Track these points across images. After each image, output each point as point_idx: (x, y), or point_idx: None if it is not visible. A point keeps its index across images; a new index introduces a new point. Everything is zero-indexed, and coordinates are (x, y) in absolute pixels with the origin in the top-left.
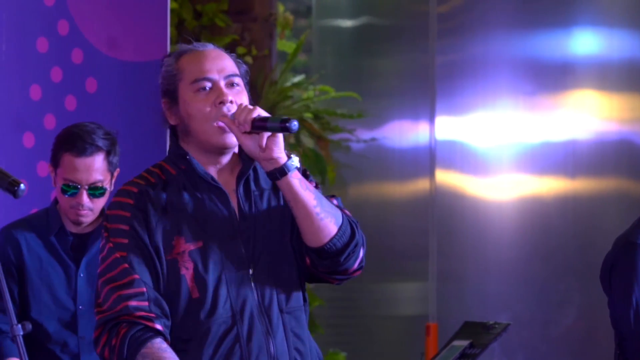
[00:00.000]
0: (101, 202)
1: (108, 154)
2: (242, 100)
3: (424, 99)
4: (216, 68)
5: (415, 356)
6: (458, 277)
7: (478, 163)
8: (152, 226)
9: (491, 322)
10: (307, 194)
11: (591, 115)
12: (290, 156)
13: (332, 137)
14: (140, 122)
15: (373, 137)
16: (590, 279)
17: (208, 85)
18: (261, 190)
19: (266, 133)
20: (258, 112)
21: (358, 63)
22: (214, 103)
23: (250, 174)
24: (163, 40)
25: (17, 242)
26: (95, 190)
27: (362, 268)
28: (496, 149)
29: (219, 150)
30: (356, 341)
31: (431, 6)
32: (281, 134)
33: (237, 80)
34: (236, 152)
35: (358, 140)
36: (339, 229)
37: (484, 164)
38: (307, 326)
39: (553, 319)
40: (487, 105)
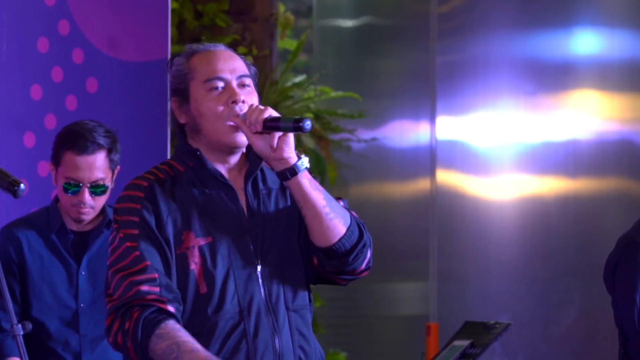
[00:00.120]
0: (102, 200)
1: (109, 152)
2: (253, 100)
3: (425, 99)
4: (228, 68)
5: (415, 356)
6: (459, 277)
7: (479, 163)
8: (163, 219)
9: (492, 322)
10: (317, 194)
11: (592, 115)
12: (300, 156)
13: (333, 137)
14: (140, 122)
15: (374, 137)
16: (590, 279)
17: (220, 84)
18: (269, 189)
19: (277, 133)
20: (269, 113)
21: (359, 63)
22: (227, 102)
23: (258, 174)
24: (164, 40)
25: (19, 241)
26: (97, 188)
27: (370, 269)
28: (497, 149)
29: (229, 149)
30: (357, 341)
31: (432, 6)
32: (292, 134)
33: (248, 81)
34: (244, 152)
35: (359, 140)
36: (348, 229)
37: (485, 164)
38: (312, 326)
39: (554, 319)
40: (488, 105)
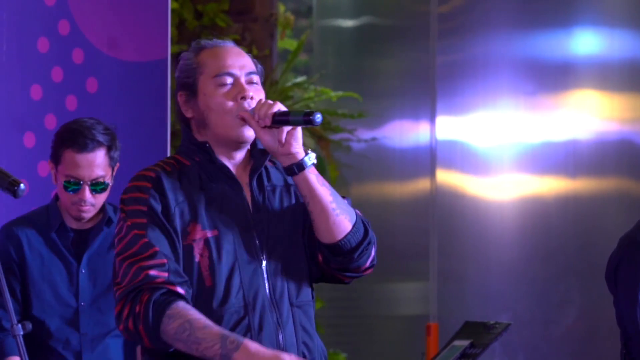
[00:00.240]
0: (103, 198)
1: (109, 149)
2: (261, 97)
3: (425, 99)
4: (238, 64)
5: (415, 356)
6: (459, 277)
7: (479, 163)
8: (171, 209)
9: (492, 322)
10: (324, 190)
11: (592, 115)
12: (307, 152)
13: (333, 137)
14: (140, 122)
15: (374, 137)
16: (590, 279)
17: (230, 80)
18: (273, 186)
19: (286, 128)
20: (279, 107)
21: (359, 63)
22: (236, 98)
23: (262, 171)
24: (164, 40)
25: (19, 240)
26: (97, 185)
27: (374, 266)
28: (497, 149)
29: (236, 144)
30: (357, 341)
31: (432, 6)
32: (300, 129)
33: (256, 78)
34: (248, 149)
35: (359, 140)
36: (353, 226)
37: (485, 164)
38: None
39: (554, 319)
40: (488, 105)
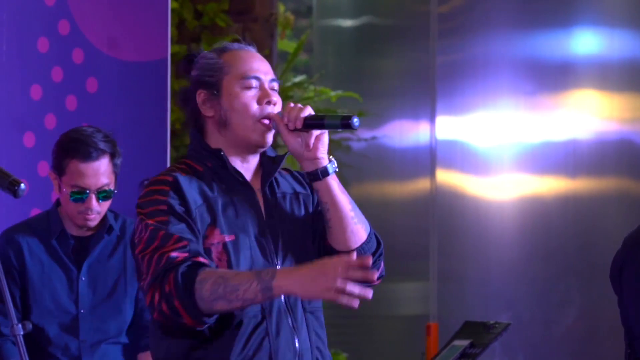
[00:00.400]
0: (107, 205)
1: (112, 157)
2: (280, 104)
3: (425, 99)
4: (263, 69)
5: (415, 356)
6: (459, 277)
7: (478, 163)
8: (192, 212)
9: (492, 322)
10: (344, 198)
11: (592, 115)
12: (330, 159)
13: (333, 137)
14: (140, 122)
15: (374, 137)
16: (590, 279)
17: (256, 83)
18: (283, 193)
19: (315, 132)
20: (309, 111)
21: (359, 63)
22: (261, 102)
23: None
24: (164, 40)
25: (19, 247)
26: (103, 193)
27: (383, 277)
28: (497, 149)
29: (255, 147)
30: (357, 341)
31: (432, 6)
32: (327, 135)
33: (277, 85)
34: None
35: (359, 139)
36: (368, 236)
37: (485, 164)
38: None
39: (554, 319)
40: (488, 105)
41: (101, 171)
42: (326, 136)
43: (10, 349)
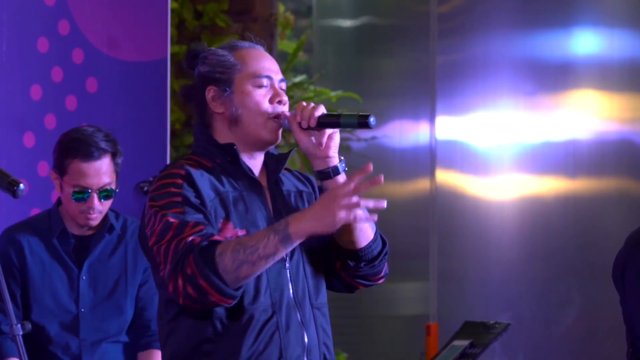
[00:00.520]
0: (109, 204)
1: (113, 156)
2: (288, 104)
3: (425, 99)
4: (274, 69)
5: (415, 356)
6: (458, 277)
7: (478, 163)
8: (207, 205)
9: (492, 322)
10: None
11: (591, 115)
12: (340, 158)
13: None
14: (140, 122)
15: (373, 137)
16: (591, 279)
17: (267, 82)
18: (287, 191)
19: (328, 131)
20: (323, 110)
21: (359, 63)
22: (272, 101)
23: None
24: (163, 40)
25: (20, 246)
26: (104, 192)
27: (386, 276)
28: (496, 149)
29: (266, 144)
30: (357, 341)
31: (432, 6)
32: (338, 134)
33: (285, 86)
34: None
35: (358, 139)
36: (375, 235)
37: (485, 164)
38: None
39: (554, 319)
40: (488, 105)
41: (103, 170)
42: (338, 135)
43: (10, 347)
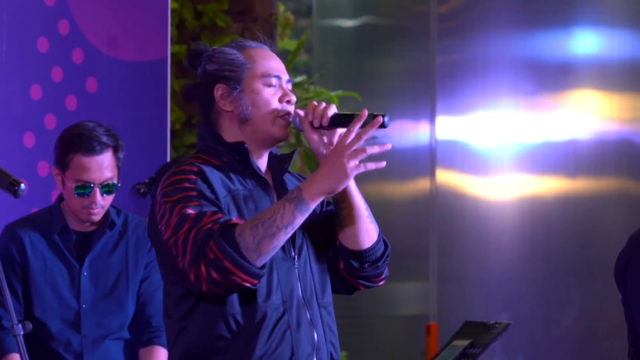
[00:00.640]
0: (111, 199)
1: (115, 150)
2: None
3: (425, 99)
4: (282, 69)
5: (415, 356)
6: (459, 277)
7: (478, 163)
8: (221, 201)
9: (492, 322)
10: (360, 197)
11: (591, 115)
12: None
13: None
14: (140, 122)
15: (373, 137)
16: (591, 279)
17: (276, 82)
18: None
19: (339, 130)
20: (335, 109)
21: (359, 63)
22: (282, 100)
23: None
24: (163, 40)
25: (22, 242)
26: (106, 187)
27: (387, 278)
28: (497, 149)
29: (275, 141)
30: (357, 341)
31: (432, 6)
32: None
33: (291, 86)
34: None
35: None
36: (378, 236)
37: (485, 164)
38: None
39: (554, 319)
40: (488, 105)
41: (105, 165)
42: None
43: (11, 342)
